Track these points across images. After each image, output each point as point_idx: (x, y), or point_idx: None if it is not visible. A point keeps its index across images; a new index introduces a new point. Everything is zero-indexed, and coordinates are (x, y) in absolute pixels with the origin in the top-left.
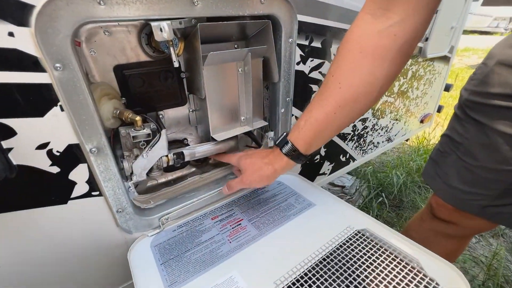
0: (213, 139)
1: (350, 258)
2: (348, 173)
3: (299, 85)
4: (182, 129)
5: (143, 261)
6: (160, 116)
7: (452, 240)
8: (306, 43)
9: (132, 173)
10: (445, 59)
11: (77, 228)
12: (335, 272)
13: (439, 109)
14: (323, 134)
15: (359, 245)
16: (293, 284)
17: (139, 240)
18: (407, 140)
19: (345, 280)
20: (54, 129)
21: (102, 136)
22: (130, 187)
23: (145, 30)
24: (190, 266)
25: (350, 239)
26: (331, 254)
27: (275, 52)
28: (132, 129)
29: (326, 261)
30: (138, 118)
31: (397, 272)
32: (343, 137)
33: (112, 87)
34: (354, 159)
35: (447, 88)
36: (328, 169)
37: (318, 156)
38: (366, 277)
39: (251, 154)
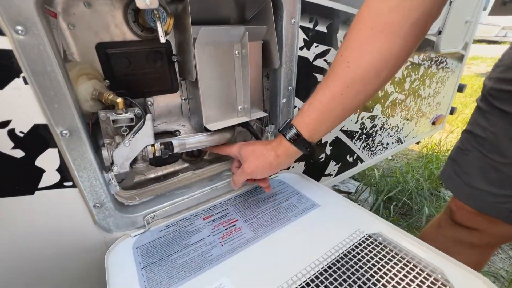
0: (207, 130)
1: (361, 267)
2: (354, 179)
3: (302, 73)
4: (173, 119)
5: (121, 264)
6: (149, 103)
7: (475, 250)
8: (310, 26)
9: (112, 163)
10: (458, 56)
11: (46, 224)
12: (342, 282)
13: (452, 111)
14: (328, 118)
15: (370, 251)
16: None
17: (120, 240)
18: (417, 143)
19: None
20: (17, 105)
21: (76, 117)
22: (111, 179)
23: (131, 6)
24: (175, 271)
25: (360, 244)
26: (337, 261)
27: (275, 34)
28: (113, 113)
29: (332, 269)
30: (119, 100)
31: (418, 285)
32: (350, 135)
33: (93, 68)
34: (362, 160)
35: (461, 88)
36: (334, 170)
37: (323, 155)
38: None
39: (252, 142)
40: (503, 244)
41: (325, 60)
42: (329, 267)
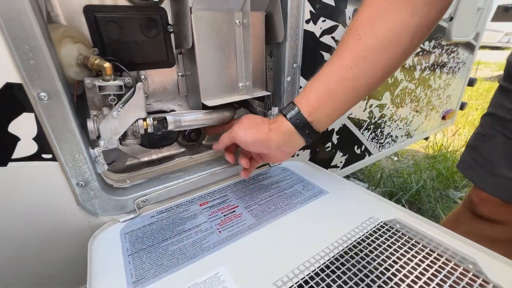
0: (205, 108)
1: (377, 256)
2: (360, 179)
3: (308, 49)
4: (169, 98)
5: (106, 251)
6: (142, 77)
7: (498, 246)
8: None
9: (99, 137)
10: (470, 47)
11: (21, 201)
12: (357, 272)
13: (462, 106)
14: (335, 96)
15: (387, 239)
16: (300, 286)
17: (107, 226)
18: (426, 139)
19: (372, 284)
20: None
21: (56, 79)
22: (97, 156)
23: None
24: (165, 259)
25: (375, 232)
26: (350, 250)
27: (280, 4)
28: (100, 79)
29: (345, 258)
30: (107, 64)
31: (446, 276)
32: (358, 123)
33: (80, 32)
34: (370, 153)
35: (471, 82)
36: (341, 162)
37: (329, 144)
38: (402, 280)
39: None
40: None
41: (333, 38)
42: (341, 256)
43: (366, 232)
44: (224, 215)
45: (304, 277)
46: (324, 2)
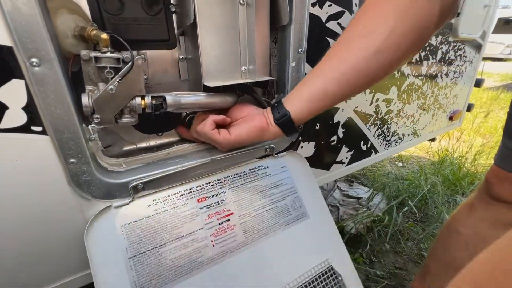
0: (206, 90)
1: None
2: (363, 184)
3: (314, 34)
4: (169, 81)
5: (105, 251)
6: (142, 57)
7: None
8: None
9: (93, 112)
10: (476, 45)
11: (6, 175)
12: None
13: (469, 108)
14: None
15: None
16: None
17: (101, 214)
18: (433, 140)
19: None
20: None
21: (49, 44)
22: (91, 134)
23: None
24: (165, 269)
25: (320, 277)
26: None
27: None
28: (97, 51)
29: None
30: (104, 35)
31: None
32: (364, 117)
33: (78, 6)
34: (376, 151)
35: (478, 83)
36: (347, 158)
37: (335, 138)
38: None
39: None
40: None
41: (339, 24)
42: None
43: (316, 274)
44: (219, 224)
45: None
46: None
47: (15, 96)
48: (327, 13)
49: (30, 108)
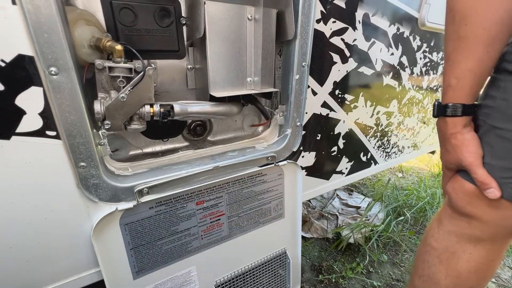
0: (212, 100)
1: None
2: (363, 194)
3: (317, 49)
4: (177, 89)
5: (111, 246)
6: (152, 66)
7: (479, 245)
8: None
9: (105, 119)
10: None
11: (20, 176)
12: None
13: None
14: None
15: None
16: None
17: (106, 217)
18: (433, 153)
19: None
20: (1, 27)
21: (68, 56)
22: (101, 139)
23: None
24: (159, 256)
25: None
26: (253, 269)
27: (292, 2)
28: (111, 61)
29: (251, 272)
30: (119, 46)
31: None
32: (365, 129)
33: (95, 17)
34: (376, 162)
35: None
36: (347, 168)
37: (335, 148)
38: None
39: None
40: (509, 238)
41: (342, 40)
42: (250, 271)
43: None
44: (211, 222)
45: (226, 280)
46: (335, 4)
47: (33, 102)
48: (331, 29)
49: (46, 114)
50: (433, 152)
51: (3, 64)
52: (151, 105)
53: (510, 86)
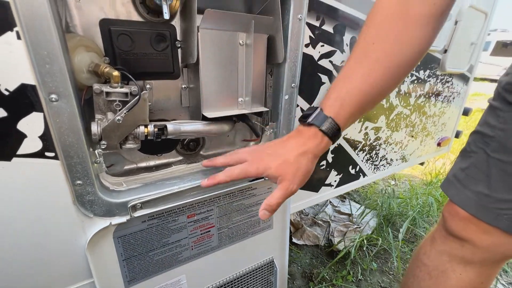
0: (205, 119)
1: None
2: (356, 201)
3: (306, 71)
4: (171, 107)
5: (104, 258)
6: (148, 87)
7: (469, 267)
8: (317, 24)
9: (101, 139)
10: (464, 78)
11: (20, 195)
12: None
13: (458, 135)
14: (365, 107)
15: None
16: None
17: (100, 231)
18: (422, 164)
19: None
20: (6, 60)
21: (68, 84)
22: (97, 158)
23: None
24: (151, 266)
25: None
26: (242, 277)
27: (282, 28)
28: (108, 86)
29: (239, 280)
30: (116, 73)
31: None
32: (353, 144)
33: (94, 42)
34: (364, 174)
35: (466, 112)
36: (335, 181)
37: (324, 162)
38: None
39: (270, 152)
40: (500, 263)
41: (331, 62)
42: (237, 279)
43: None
44: (201, 234)
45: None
46: (323, 29)
47: (34, 126)
48: (319, 52)
49: (45, 137)
50: (422, 164)
51: (7, 93)
52: (146, 126)
53: (509, 117)
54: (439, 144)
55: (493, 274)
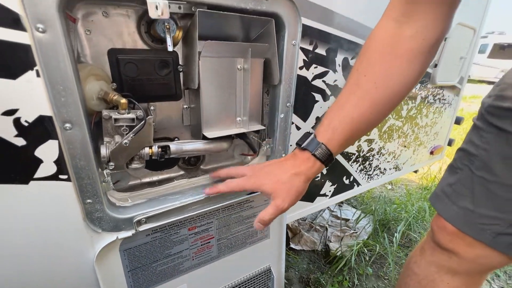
0: (205, 138)
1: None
2: (353, 206)
3: (301, 91)
4: (173, 126)
5: (110, 269)
6: (152, 108)
7: (455, 277)
8: (310, 48)
9: (109, 161)
10: (455, 89)
11: (35, 215)
12: None
13: (450, 143)
14: (356, 135)
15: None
16: None
17: (107, 245)
18: (415, 172)
19: None
20: (26, 95)
21: (81, 113)
22: (105, 178)
23: (145, 18)
24: (154, 276)
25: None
26: (240, 284)
27: (277, 53)
28: (116, 112)
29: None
30: (123, 100)
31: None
32: (347, 156)
33: (103, 71)
34: (358, 184)
35: (458, 121)
36: (330, 191)
37: (319, 174)
38: None
39: (267, 171)
40: (487, 272)
41: (324, 81)
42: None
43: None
44: (201, 245)
45: None
46: (316, 52)
47: (49, 153)
48: (313, 73)
49: (59, 161)
50: (416, 171)
51: (26, 124)
52: (150, 147)
53: (491, 138)
54: (431, 153)
55: (479, 283)
